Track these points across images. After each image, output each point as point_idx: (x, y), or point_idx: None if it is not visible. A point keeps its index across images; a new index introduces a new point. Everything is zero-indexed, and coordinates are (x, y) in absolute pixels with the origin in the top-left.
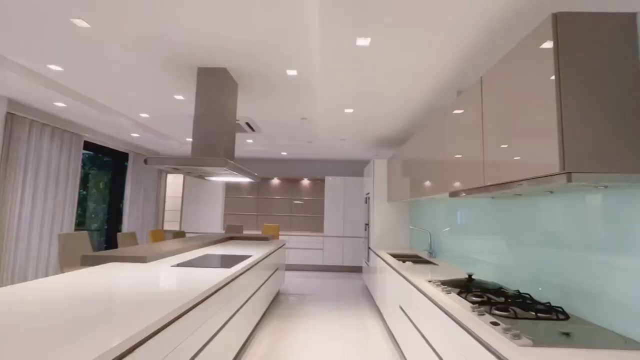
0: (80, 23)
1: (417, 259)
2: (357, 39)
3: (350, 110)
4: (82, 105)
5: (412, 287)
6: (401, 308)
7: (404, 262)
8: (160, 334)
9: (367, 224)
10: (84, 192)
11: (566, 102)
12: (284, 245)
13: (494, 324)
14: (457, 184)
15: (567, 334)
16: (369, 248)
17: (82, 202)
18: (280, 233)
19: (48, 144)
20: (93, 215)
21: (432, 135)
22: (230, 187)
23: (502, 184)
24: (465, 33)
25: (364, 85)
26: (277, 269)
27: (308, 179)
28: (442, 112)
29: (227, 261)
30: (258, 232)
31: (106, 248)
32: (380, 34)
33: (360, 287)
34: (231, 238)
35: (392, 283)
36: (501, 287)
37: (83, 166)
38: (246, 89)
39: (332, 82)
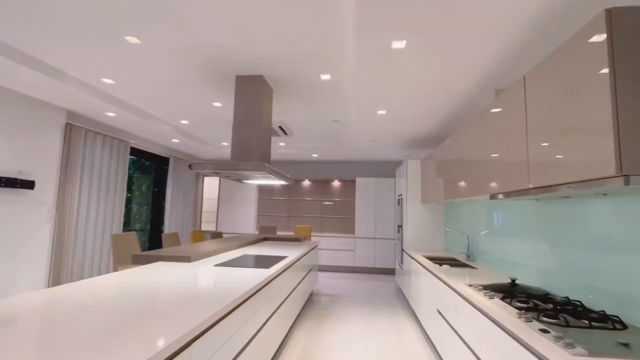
0: (132, 40)
1: (454, 262)
2: (393, 42)
3: (383, 112)
4: (130, 114)
5: (451, 290)
6: (439, 311)
7: (440, 265)
8: (212, 330)
9: (399, 226)
10: (129, 195)
11: (622, 99)
12: (316, 246)
13: (544, 331)
14: (497, 186)
15: (625, 345)
16: (403, 250)
17: (126, 203)
18: (312, 234)
19: (100, 150)
20: (136, 216)
21: (470, 135)
22: (262, 189)
23: (549, 186)
24: (505, 32)
25: (398, 86)
26: (310, 270)
27: (339, 181)
28: (480, 111)
29: (265, 262)
30: (290, 233)
31: (149, 247)
32: (416, 36)
33: (393, 289)
34: (265, 239)
35: (428, 286)
36: (547, 293)
37: (128, 170)
38: (281, 94)
39: (366, 84)
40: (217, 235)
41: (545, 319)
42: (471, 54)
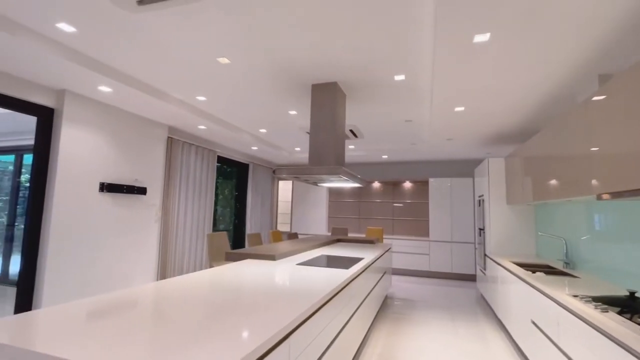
0: (223, 60)
1: (549, 270)
2: (475, 35)
3: (461, 109)
4: (217, 126)
5: (550, 301)
6: (534, 323)
7: (533, 272)
8: (305, 324)
9: (481, 229)
10: (215, 198)
11: None
12: (390, 249)
13: None
14: (606, 185)
15: None
16: (485, 255)
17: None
18: (383, 236)
19: (193, 159)
20: (220, 218)
21: (568, 129)
22: (332, 192)
23: None
24: (608, 14)
25: (479, 81)
26: (385, 273)
27: (410, 182)
28: (580, 101)
29: (342, 262)
30: (361, 235)
31: (233, 246)
32: (503, 27)
33: (474, 297)
34: (338, 240)
35: (519, 295)
36: None
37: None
38: (353, 98)
39: (443, 81)
40: (293, 235)
41: None
42: (566, 41)
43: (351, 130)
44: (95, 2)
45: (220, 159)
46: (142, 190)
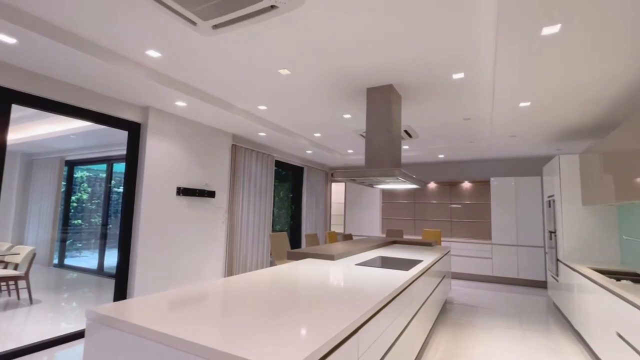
0: (284, 72)
1: (636, 278)
2: (543, 28)
3: (527, 104)
4: (276, 133)
5: (639, 311)
6: (619, 335)
7: (617, 279)
8: (370, 321)
9: (552, 232)
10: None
11: None
12: (449, 252)
13: None
14: None
15: None
16: (558, 260)
17: None
18: (441, 239)
19: (254, 164)
20: (276, 219)
21: None
22: (386, 193)
23: None
24: None
25: (547, 75)
26: (444, 276)
27: (469, 182)
28: None
29: (401, 264)
30: (416, 237)
31: (290, 246)
32: (575, 17)
33: (545, 305)
34: (394, 242)
35: (602, 304)
36: None
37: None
38: (408, 99)
39: (507, 77)
40: (348, 237)
41: None
42: None
43: (405, 131)
44: (178, 31)
45: (277, 163)
46: (211, 194)
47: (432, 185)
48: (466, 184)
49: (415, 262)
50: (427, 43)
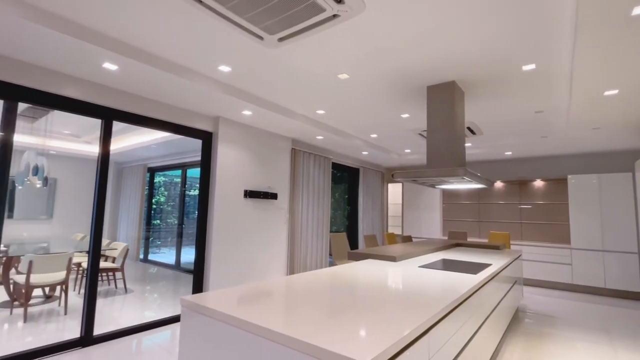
0: (343, 76)
1: None
2: (635, 8)
3: (614, 92)
4: (332, 135)
5: None
6: None
7: None
8: (440, 323)
9: None
10: None
11: None
12: (520, 256)
13: None
14: None
15: None
16: None
17: None
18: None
19: (312, 167)
20: (333, 219)
21: None
22: (447, 193)
23: None
24: None
25: (639, 58)
26: (515, 282)
27: (541, 180)
28: None
29: (468, 267)
30: (481, 240)
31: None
32: None
33: (639, 319)
34: (458, 244)
35: None
36: None
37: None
38: (472, 95)
39: (589, 64)
40: (407, 238)
41: None
42: None
43: (468, 128)
44: (247, 46)
45: (334, 165)
46: (274, 196)
47: (498, 184)
48: (538, 183)
49: (483, 266)
50: (494, 32)
